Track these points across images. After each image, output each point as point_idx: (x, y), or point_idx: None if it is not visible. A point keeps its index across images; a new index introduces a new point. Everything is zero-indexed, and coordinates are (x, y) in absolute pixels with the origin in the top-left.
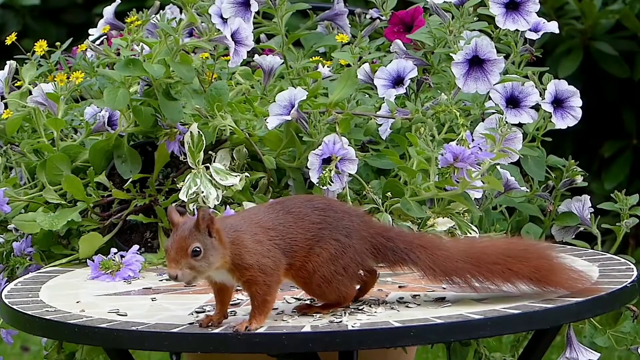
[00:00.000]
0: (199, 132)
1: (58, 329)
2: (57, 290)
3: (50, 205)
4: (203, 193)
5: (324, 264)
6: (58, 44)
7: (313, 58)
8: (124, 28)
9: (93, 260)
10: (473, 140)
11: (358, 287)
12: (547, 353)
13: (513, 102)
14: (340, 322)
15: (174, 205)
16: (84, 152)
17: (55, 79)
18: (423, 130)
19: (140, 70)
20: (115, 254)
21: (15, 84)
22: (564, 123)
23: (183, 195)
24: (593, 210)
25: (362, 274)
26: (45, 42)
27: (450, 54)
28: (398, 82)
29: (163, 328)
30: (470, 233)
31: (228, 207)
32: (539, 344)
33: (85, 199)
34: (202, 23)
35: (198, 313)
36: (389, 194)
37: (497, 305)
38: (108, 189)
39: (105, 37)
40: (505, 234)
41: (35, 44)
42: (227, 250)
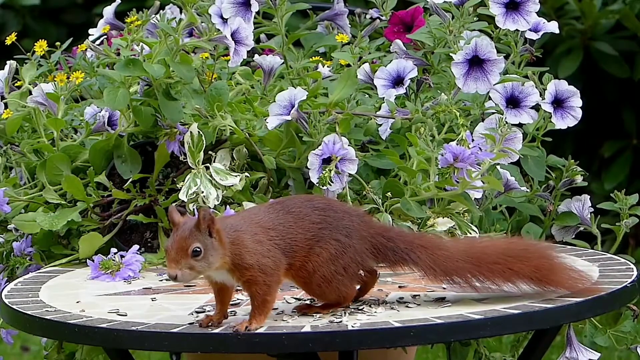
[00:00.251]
0: (199, 132)
1: (58, 329)
2: (57, 290)
3: (50, 205)
4: (203, 193)
5: (324, 264)
6: (58, 44)
7: (313, 58)
8: (124, 28)
9: (93, 260)
10: (473, 140)
11: (358, 287)
12: (547, 353)
13: (513, 102)
14: (340, 322)
15: (175, 205)
16: (84, 152)
17: (55, 79)
18: (423, 130)
19: (140, 70)
20: (115, 254)
21: (15, 84)
22: (564, 123)
23: (183, 195)
24: (593, 210)
25: (362, 274)
26: (45, 42)
27: (450, 54)
28: (398, 82)
29: (163, 328)
30: (470, 233)
31: (228, 207)
32: (539, 344)
33: (85, 199)
34: (202, 23)
35: (198, 313)
36: (389, 194)
37: (497, 305)
38: (108, 189)
39: (105, 37)
40: (505, 234)
41: (35, 44)
42: (227, 251)
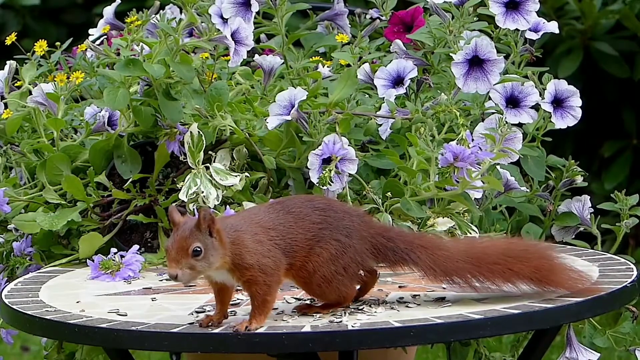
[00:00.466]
0: (199, 132)
1: (58, 329)
2: (57, 290)
3: (50, 205)
4: (203, 193)
5: (324, 264)
6: (58, 44)
7: (313, 58)
8: (124, 28)
9: (93, 260)
10: (473, 140)
11: (358, 287)
12: (547, 353)
13: (513, 102)
14: (340, 322)
15: (175, 205)
16: (84, 152)
17: (55, 79)
18: (423, 130)
19: (140, 70)
20: (115, 254)
21: (15, 84)
22: (564, 123)
23: (183, 195)
24: (593, 210)
25: (362, 274)
26: (45, 42)
27: (450, 54)
28: (398, 82)
29: (163, 328)
30: (470, 233)
31: (228, 207)
32: (539, 344)
33: (85, 199)
34: (202, 23)
35: (198, 313)
36: (389, 194)
37: (497, 305)
38: (108, 189)
39: (105, 37)
40: (505, 234)
41: (35, 44)
42: (227, 250)
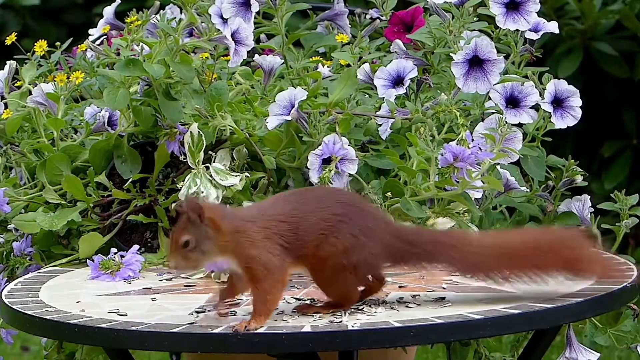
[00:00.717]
0: (199, 132)
1: (58, 329)
2: (57, 290)
3: (50, 205)
4: (203, 193)
5: (337, 256)
6: (58, 44)
7: (313, 58)
8: (124, 28)
9: (93, 260)
10: (473, 140)
11: (362, 288)
12: (547, 353)
13: (513, 102)
14: (340, 322)
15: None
16: (84, 152)
17: (55, 79)
18: (423, 130)
19: (140, 70)
20: (115, 254)
21: (15, 84)
22: (564, 123)
23: (183, 196)
24: (593, 210)
25: (369, 279)
26: (45, 42)
27: (450, 54)
28: (398, 82)
29: (163, 328)
30: None
31: (228, 207)
32: (539, 344)
33: (85, 199)
34: (202, 23)
35: (198, 313)
36: (389, 194)
37: (497, 305)
38: (108, 189)
39: (105, 37)
40: None
41: (35, 44)
42: (226, 237)
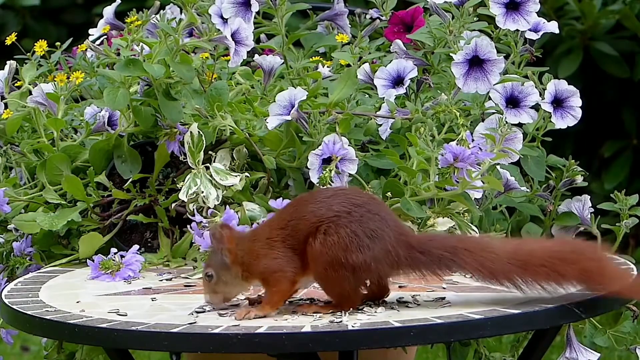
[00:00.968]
0: (199, 132)
1: (58, 329)
2: (57, 290)
3: (50, 205)
4: (203, 193)
5: (334, 248)
6: (58, 44)
7: (313, 58)
8: (124, 28)
9: (93, 260)
10: (473, 140)
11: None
12: (547, 353)
13: (513, 102)
14: (340, 322)
15: (218, 223)
16: (84, 152)
17: (55, 79)
18: (423, 130)
19: (140, 70)
20: (115, 254)
21: (15, 84)
22: (564, 123)
23: (183, 195)
24: (593, 210)
25: (368, 284)
26: (45, 42)
27: (450, 54)
28: (398, 82)
29: (163, 328)
30: (470, 233)
31: (228, 207)
32: (539, 344)
33: (85, 199)
34: (202, 23)
35: (198, 313)
36: (389, 194)
37: (497, 305)
38: (108, 189)
39: (105, 37)
40: (505, 234)
41: (35, 44)
42: (241, 267)
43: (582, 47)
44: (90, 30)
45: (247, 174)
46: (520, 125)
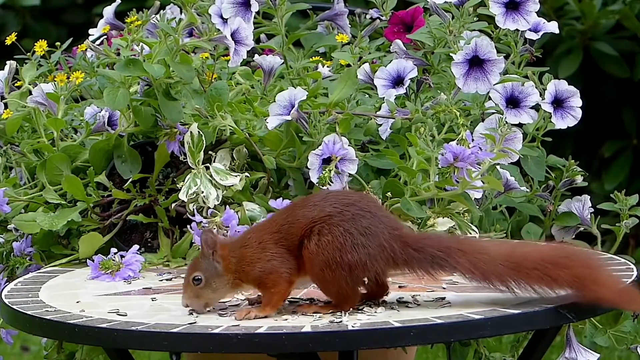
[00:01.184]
0: (199, 132)
1: (58, 329)
2: (57, 290)
3: (50, 205)
4: (203, 193)
5: (329, 248)
6: (58, 44)
7: (313, 58)
8: (124, 28)
9: (93, 260)
10: (473, 140)
11: (364, 291)
12: (547, 353)
13: (513, 102)
14: (340, 322)
15: (209, 228)
16: (84, 152)
17: (55, 79)
18: (423, 130)
19: (140, 70)
20: (115, 254)
21: (15, 84)
22: (564, 123)
23: (183, 195)
24: (593, 210)
25: (366, 282)
26: (45, 42)
27: (450, 54)
28: (398, 82)
29: (163, 328)
30: (470, 233)
31: (228, 207)
32: (539, 344)
33: (85, 199)
34: (202, 23)
35: (198, 313)
36: (389, 194)
37: (497, 306)
38: (108, 189)
39: (105, 37)
40: (505, 234)
41: (35, 44)
42: (233, 274)
43: (582, 47)
44: (90, 30)
45: (247, 174)
46: (520, 126)
